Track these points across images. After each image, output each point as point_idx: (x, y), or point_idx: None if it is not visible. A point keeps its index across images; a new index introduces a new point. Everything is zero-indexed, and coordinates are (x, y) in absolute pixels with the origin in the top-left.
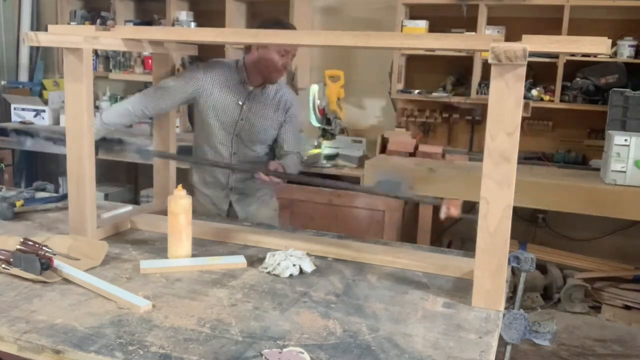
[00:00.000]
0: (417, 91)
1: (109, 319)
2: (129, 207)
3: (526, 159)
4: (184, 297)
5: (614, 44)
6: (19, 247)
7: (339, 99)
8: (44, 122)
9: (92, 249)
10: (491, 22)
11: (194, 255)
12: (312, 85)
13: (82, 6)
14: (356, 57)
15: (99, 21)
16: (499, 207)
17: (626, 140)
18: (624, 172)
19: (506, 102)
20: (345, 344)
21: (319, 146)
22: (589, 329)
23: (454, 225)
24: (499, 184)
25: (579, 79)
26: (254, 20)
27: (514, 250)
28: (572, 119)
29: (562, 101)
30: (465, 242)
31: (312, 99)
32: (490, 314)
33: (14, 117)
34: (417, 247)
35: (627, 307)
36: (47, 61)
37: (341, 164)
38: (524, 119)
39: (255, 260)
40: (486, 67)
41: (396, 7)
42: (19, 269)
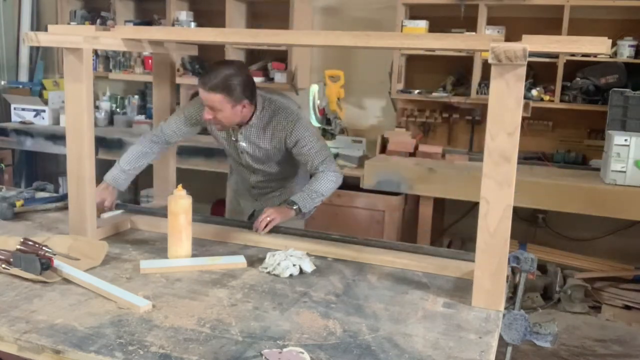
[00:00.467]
0: (417, 91)
1: (109, 319)
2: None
3: (526, 159)
4: (184, 297)
5: (614, 44)
6: (19, 247)
7: (339, 99)
8: (44, 122)
9: (92, 249)
10: (491, 22)
11: (194, 255)
12: (312, 85)
13: (82, 6)
14: (356, 57)
15: (99, 21)
16: (499, 207)
17: (626, 140)
18: (624, 172)
19: (506, 102)
20: (345, 344)
21: None
22: (589, 329)
23: (454, 225)
24: (499, 184)
25: (579, 79)
26: (254, 20)
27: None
28: (572, 119)
29: (562, 101)
30: (465, 242)
31: (312, 99)
32: (490, 314)
33: (14, 117)
34: (417, 247)
35: (627, 307)
36: (47, 61)
37: (341, 164)
38: (524, 119)
39: (255, 260)
40: (486, 67)
41: (396, 7)
42: (19, 269)
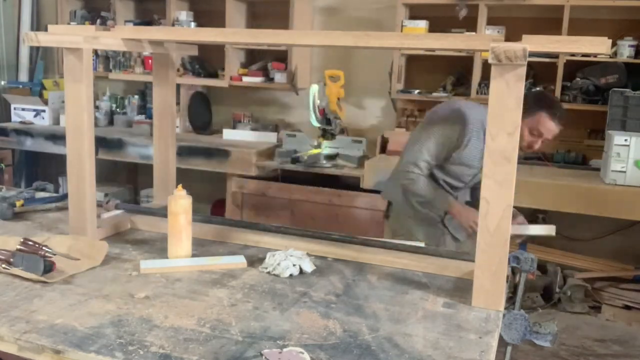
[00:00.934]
0: (417, 91)
1: (109, 319)
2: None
3: (526, 159)
4: (184, 297)
5: (614, 44)
6: (19, 247)
7: (339, 99)
8: (44, 122)
9: (92, 249)
10: (491, 22)
11: (194, 255)
12: (312, 85)
13: (82, 6)
14: (356, 57)
15: (99, 21)
16: (499, 207)
17: (626, 140)
18: (624, 172)
19: (506, 102)
20: (345, 344)
21: (319, 146)
22: (589, 329)
23: None
24: (499, 184)
25: (579, 79)
26: (254, 20)
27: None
28: (572, 119)
29: (562, 101)
30: None
31: (312, 99)
32: (490, 314)
33: (14, 117)
34: (417, 247)
35: (627, 307)
36: (47, 61)
37: (341, 164)
38: None
39: (255, 260)
40: (486, 67)
41: (396, 7)
42: (19, 269)
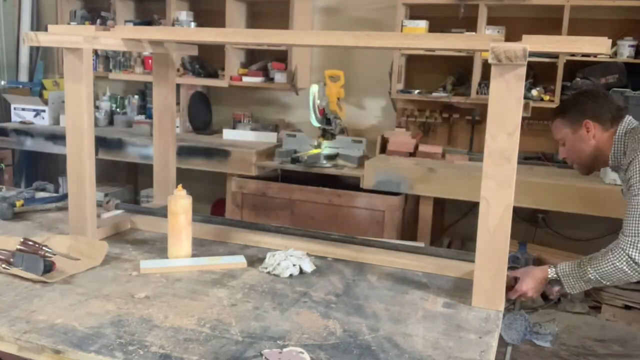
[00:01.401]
0: (417, 91)
1: (109, 319)
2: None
3: (526, 159)
4: (184, 297)
5: (614, 44)
6: (19, 247)
7: (339, 99)
8: (44, 122)
9: (92, 249)
10: (491, 22)
11: (194, 255)
12: (312, 85)
13: (82, 6)
14: (356, 57)
15: (99, 21)
16: (499, 207)
17: None
18: None
19: (506, 102)
20: (345, 344)
21: (319, 146)
22: (589, 329)
23: (454, 225)
24: (499, 184)
25: (579, 79)
26: (254, 20)
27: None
28: None
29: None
30: (465, 242)
31: (312, 99)
32: (490, 314)
33: (14, 117)
34: (417, 247)
35: (627, 307)
36: (47, 61)
37: (341, 164)
38: (524, 119)
39: (255, 260)
40: (486, 67)
41: (396, 7)
42: (19, 269)
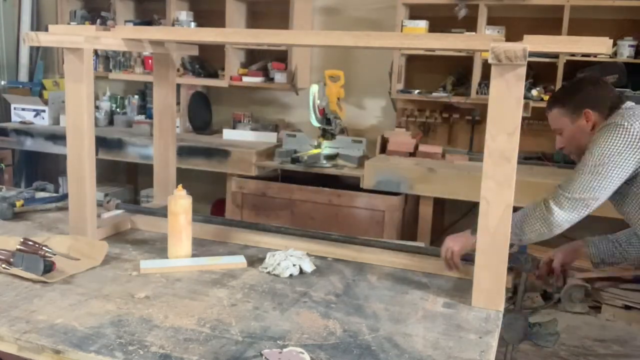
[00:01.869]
0: (417, 91)
1: (109, 319)
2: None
3: (526, 159)
4: (184, 297)
5: (614, 44)
6: (19, 247)
7: (339, 99)
8: (44, 122)
9: (92, 249)
10: (491, 22)
11: (194, 255)
12: (312, 85)
13: (82, 6)
14: (356, 57)
15: (98, 21)
16: (499, 207)
17: None
18: None
19: (506, 102)
20: (345, 344)
21: (319, 146)
22: (589, 329)
23: (454, 225)
24: (499, 184)
25: None
26: (254, 20)
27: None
28: None
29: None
30: None
31: (312, 99)
32: (490, 314)
33: (14, 117)
34: (417, 247)
35: (627, 307)
36: (47, 61)
37: (341, 164)
38: (524, 119)
39: (255, 260)
40: (486, 67)
41: (396, 7)
42: (19, 269)
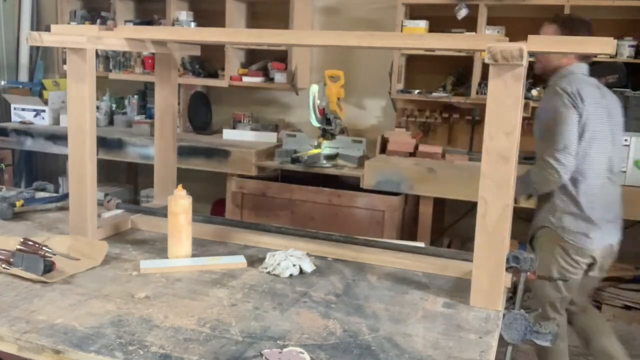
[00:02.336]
0: (417, 91)
1: (109, 319)
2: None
3: (526, 159)
4: (184, 297)
5: None
6: (19, 247)
7: (339, 99)
8: (44, 122)
9: (92, 249)
10: (491, 22)
11: (194, 255)
12: (312, 85)
13: (82, 6)
14: (356, 57)
15: (99, 21)
16: (498, 207)
17: (626, 140)
18: (624, 172)
19: (504, 102)
20: (345, 344)
21: (319, 146)
22: None
23: (454, 225)
24: (497, 184)
25: None
26: (254, 20)
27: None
28: None
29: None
30: (465, 242)
31: (312, 99)
32: (490, 314)
33: (14, 117)
34: (417, 247)
35: (627, 307)
36: (47, 61)
37: (341, 164)
38: (523, 118)
39: (255, 260)
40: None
41: (396, 7)
42: (19, 269)
